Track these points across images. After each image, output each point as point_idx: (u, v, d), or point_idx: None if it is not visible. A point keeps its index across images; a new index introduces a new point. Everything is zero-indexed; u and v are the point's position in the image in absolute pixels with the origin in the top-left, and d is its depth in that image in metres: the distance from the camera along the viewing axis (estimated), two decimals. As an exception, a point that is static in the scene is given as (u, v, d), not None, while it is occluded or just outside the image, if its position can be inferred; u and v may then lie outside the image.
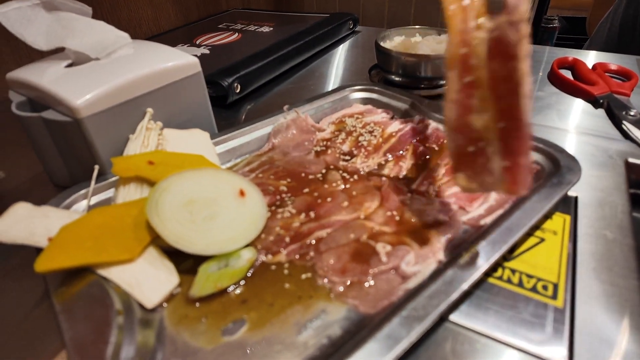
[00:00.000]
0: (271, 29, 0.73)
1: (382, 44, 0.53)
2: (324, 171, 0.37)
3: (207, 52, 0.63)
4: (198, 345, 0.22)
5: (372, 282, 0.25)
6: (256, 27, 0.74)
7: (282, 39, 0.63)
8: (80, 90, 0.32)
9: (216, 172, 0.32)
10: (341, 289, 0.25)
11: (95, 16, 0.38)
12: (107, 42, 0.38)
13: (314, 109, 0.46)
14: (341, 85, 0.49)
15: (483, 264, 0.24)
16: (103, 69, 0.35)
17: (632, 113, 0.42)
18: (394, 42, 0.55)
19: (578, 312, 0.24)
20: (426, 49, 0.51)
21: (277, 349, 0.22)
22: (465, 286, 0.22)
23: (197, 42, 0.68)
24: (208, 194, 0.30)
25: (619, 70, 0.52)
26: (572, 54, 0.60)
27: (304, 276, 0.26)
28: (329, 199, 0.33)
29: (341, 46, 0.73)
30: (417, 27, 0.56)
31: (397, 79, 0.54)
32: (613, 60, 0.56)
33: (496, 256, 0.24)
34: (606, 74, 0.52)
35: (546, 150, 0.34)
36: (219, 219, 0.28)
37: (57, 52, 0.38)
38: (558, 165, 0.33)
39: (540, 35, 1.44)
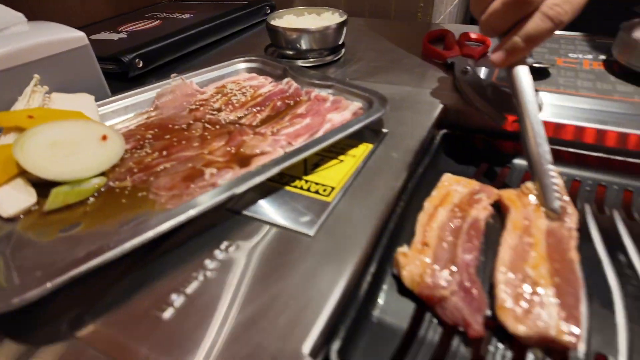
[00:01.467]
0: (192, 15, 0.79)
1: (271, 22, 0.60)
2: (191, 122, 0.43)
3: (125, 36, 0.69)
4: (36, 240, 0.29)
5: (191, 194, 0.32)
6: (178, 15, 0.80)
7: (193, 22, 0.70)
8: (-35, 57, 0.38)
9: (84, 122, 0.38)
10: (164, 200, 0.32)
11: (23, 7, 0.44)
12: (0, 20, 0.44)
13: (202, 77, 0.52)
14: (231, 58, 0.56)
15: (263, 174, 0.31)
16: (-9, 41, 0.41)
17: (466, 70, 0.50)
18: (283, 20, 0.61)
19: (339, 204, 0.31)
20: (307, 24, 0.58)
21: (98, 237, 0.28)
22: (238, 190, 0.29)
23: (119, 30, 0.73)
24: (72, 138, 0.36)
25: (478, 38, 0.60)
26: (457, 28, 0.67)
27: (140, 194, 0.33)
28: (184, 142, 0.39)
29: (257, 30, 0.79)
30: (302, 7, 0.63)
31: (288, 52, 0.60)
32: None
33: (277, 169, 0.31)
34: (467, 42, 0.59)
35: (367, 96, 0.41)
36: (78, 155, 0.35)
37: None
38: (372, 107, 0.40)
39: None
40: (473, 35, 0.61)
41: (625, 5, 0.53)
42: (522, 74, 0.36)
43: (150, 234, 0.25)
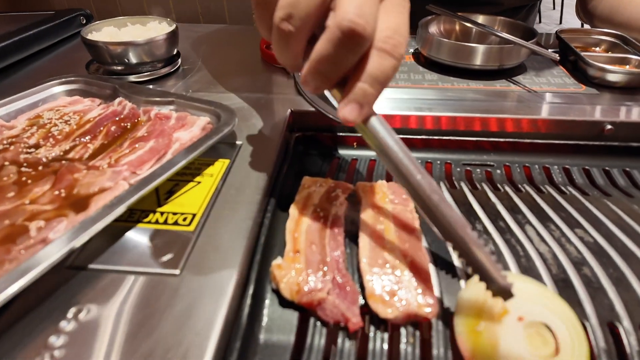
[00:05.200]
0: (-22, 31, 0.64)
1: (88, 37, 0.52)
2: (2, 165, 0.35)
3: None
4: None
5: (15, 259, 0.26)
6: (-43, 31, 0.64)
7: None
8: None
9: None
10: (-23, 273, 0.25)
11: None
12: None
13: (7, 108, 0.43)
14: (44, 80, 0.47)
15: (107, 218, 0.27)
16: None
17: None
18: (103, 32, 0.55)
19: (204, 231, 0.29)
20: (133, 36, 0.53)
21: None
22: (77, 243, 0.25)
23: None
24: None
25: (310, 40, 0.63)
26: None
27: (-61, 274, 0.25)
28: (-6, 194, 0.32)
29: (74, 43, 0.69)
30: (124, 17, 0.57)
31: (115, 68, 0.54)
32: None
33: (123, 207, 0.28)
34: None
35: (213, 109, 0.40)
36: None
37: None
38: (220, 120, 0.38)
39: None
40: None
41: (424, 5, 0.62)
42: (379, 127, 0.27)
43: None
